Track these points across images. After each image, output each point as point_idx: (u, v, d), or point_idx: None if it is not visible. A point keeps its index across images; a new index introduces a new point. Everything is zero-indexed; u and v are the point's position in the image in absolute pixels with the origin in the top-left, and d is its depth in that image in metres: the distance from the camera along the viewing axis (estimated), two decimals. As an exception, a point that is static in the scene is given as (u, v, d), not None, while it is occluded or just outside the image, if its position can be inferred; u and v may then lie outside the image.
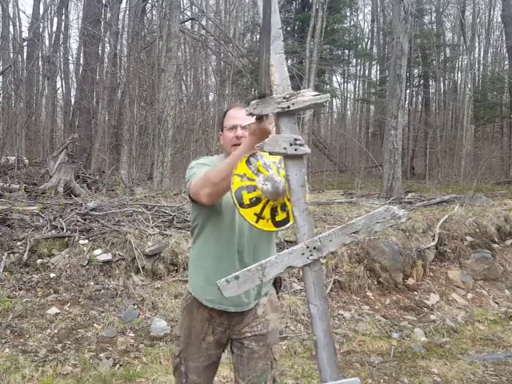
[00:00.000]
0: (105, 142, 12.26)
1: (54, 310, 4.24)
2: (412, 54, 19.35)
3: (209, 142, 13.58)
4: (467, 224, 6.63)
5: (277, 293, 2.21)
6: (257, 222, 1.68)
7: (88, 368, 3.54)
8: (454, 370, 3.78)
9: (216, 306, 2.01)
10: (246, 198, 1.66)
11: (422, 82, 23.45)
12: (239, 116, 1.99)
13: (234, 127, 2.02)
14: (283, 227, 1.75)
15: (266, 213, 1.68)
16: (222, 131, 2.10)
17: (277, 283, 2.22)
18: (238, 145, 1.90)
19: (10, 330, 3.91)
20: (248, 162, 1.67)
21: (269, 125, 1.68)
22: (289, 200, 1.65)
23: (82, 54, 17.41)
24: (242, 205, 1.66)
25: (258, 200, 1.66)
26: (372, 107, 25.30)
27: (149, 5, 15.73)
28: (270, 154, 2.28)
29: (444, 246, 6.20)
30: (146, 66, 12.51)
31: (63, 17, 19.27)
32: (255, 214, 1.67)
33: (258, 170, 1.66)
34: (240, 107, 2.08)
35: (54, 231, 5.36)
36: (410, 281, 5.61)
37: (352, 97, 28.31)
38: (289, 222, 1.74)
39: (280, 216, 1.72)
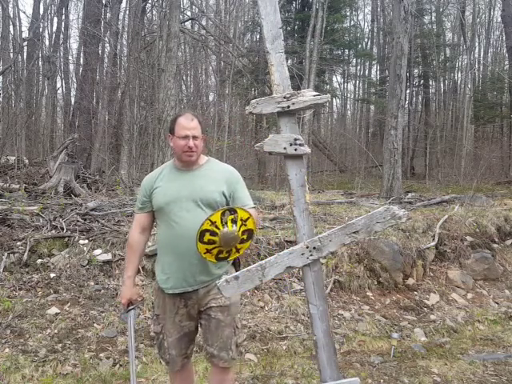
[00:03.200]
0: (105, 142, 12.26)
1: (54, 309, 4.23)
2: (412, 53, 19.35)
3: (209, 141, 13.57)
4: (467, 224, 6.62)
5: (236, 271, 2.41)
6: (205, 253, 2.23)
7: (88, 368, 3.53)
8: (454, 370, 3.78)
9: (176, 291, 2.38)
10: (206, 237, 2.19)
11: (422, 81, 23.46)
12: (190, 127, 2.35)
13: (186, 137, 2.35)
14: (223, 261, 2.33)
15: (214, 251, 2.23)
16: (172, 135, 2.41)
17: (236, 262, 2.50)
18: (190, 151, 2.35)
19: (10, 330, 3.91)
20: (223, 214, 2.19)
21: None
22: (235, 247, 2.25)
23: (82, 54, 17.41)
24: (201, 241, 2.19)
25: (213, 242, 2.20)
26: (372, 107, 25.30)
27: (149, 5, 15.73)
28: (270, 153, 2.29)
29: (444, 246, 6.20)
30: (146, 66, 12.50)
31: (63, 17, 19.28)
32: (206, 249, 2.22)
33: (226, 223, 2.19)
34: (190, 118, 2.38)
35: (54, 231, 5.36)
36: (410, 281, 5.60)
37: (352, 97, 28.33)
38: (227, 259, 2.31)
39: (223, 255, 2.26)
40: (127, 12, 15.30)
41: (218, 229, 2.17)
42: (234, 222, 2.20)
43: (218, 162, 2.55)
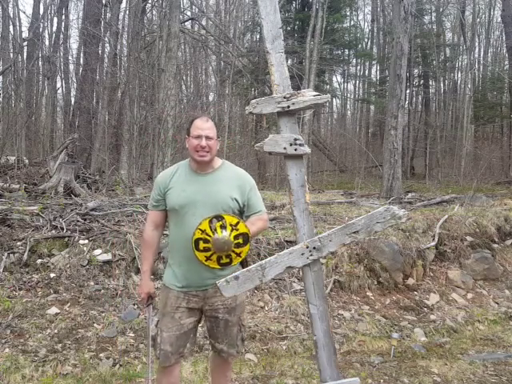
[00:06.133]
0: (105, 142, 12.25)
1: (54, 309, 4.24)
2: (412, 53, 19.34)
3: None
4: (467, 224, 6.62)
5: None
6: (206, 261, 2.28)
7: (88, 368, 3.54)
8: (454, 370, 3.78)
9: (185, 289, 2.46)
10: (201, 246, 2.25)
11: (422, 81, 23.46)
12: (204, 128, 2.45)
13: (199, 137, 2.43)
14: (227, 267, 2.34)
15: (213, 258, 2.27)
16: (188, 136, 2.49)
17: (243, 263, 2.51)
18: (203, 151, 2.42)
19: (10, 330, 3.91)
20: (210, 221, 2.26)
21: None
22: (233, 251, 2.27)
23: (82, 54, 17.42)
24: (197, 249, 2.26)
25: (208, 249, 2.25)
26: (372, 107, 25.31)
27: (149, 5, 15.72)
28: (270, 153, 2.29)
29: (444, 246, 6.20)
30: (145, 66, 12.49)
31: (63, 17, 19.27)
32: (205, 256, 2.27)
33: (215, 230, 2.24)
34: (205, 120, 2.50)
35: (54, 231, 5.36)
36: (410, 281, 5.60)
37: (352, 97, 28.33)
38: (231, 264, 2.32)
39: (224, 260, 2.30)
40: (127, 12, 15.30)
41: (209, 236, 2.24)
42: (223, 227, 2.25)
43: (232, 165, 2.62)
